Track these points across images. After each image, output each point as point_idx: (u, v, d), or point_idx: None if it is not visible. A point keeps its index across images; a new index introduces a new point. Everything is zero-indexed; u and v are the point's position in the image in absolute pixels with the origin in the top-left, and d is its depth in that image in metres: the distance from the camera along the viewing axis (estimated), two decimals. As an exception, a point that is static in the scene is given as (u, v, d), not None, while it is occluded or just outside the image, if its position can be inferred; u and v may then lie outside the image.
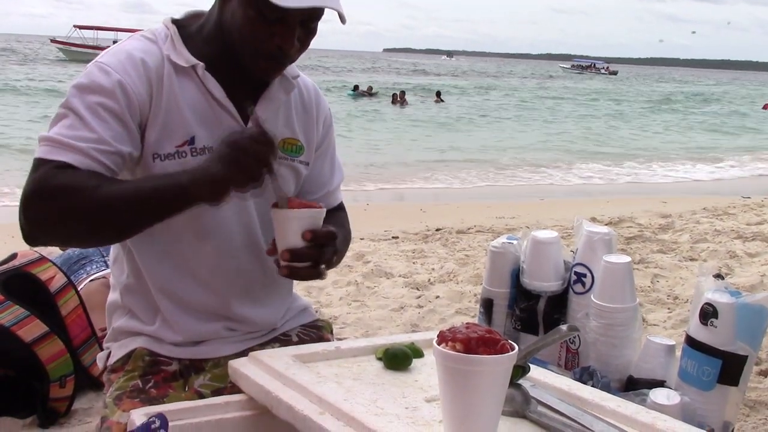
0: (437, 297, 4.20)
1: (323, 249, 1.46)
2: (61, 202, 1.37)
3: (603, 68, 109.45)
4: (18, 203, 1.40)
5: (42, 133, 1.44)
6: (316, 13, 1.50)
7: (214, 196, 1.40)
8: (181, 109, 1.52)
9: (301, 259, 1.44)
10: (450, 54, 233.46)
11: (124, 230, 1.47)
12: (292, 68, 1.65)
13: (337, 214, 1.80)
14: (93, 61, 1.52)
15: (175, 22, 1.60)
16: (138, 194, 1.41)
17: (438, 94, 29.69)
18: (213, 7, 1.58)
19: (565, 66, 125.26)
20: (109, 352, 1.69)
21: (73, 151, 1.40)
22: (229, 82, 1.56)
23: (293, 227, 1.43)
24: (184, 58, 1.54)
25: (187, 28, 1.60)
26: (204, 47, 1.56)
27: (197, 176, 1.38)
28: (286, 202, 1.45)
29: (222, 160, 1.37)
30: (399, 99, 26.34)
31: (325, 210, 1.49)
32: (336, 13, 1.49)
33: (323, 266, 1.48)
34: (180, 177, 1.40)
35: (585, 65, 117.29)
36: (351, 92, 28.93)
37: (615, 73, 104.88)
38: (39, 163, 1.41)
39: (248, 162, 1.37)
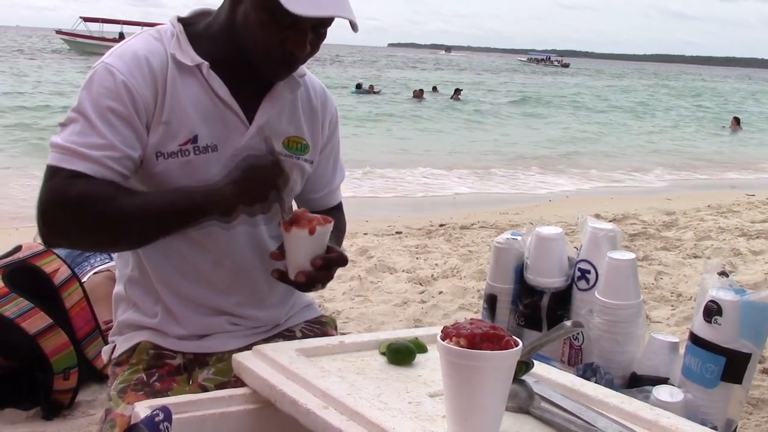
0: (440, 292, 4.19)
1: (330, 269, 1.54)
2: (78, 213, 1.42)
3: (556, 61, 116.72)
4: (23, 198, 1.42)
5: (53, 138, 1.46)
6: (328, 20, 1.51)
7: (224, 214, 1.50)
8: (184, 108, 1.53)
9: (311, 277, 1.50)
10: (448, 49, 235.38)
11: (139, 240, 1.54)
12: (299, 67, 1.65)
13: (336, 213, 1.82)
14: (100, 60, 1.52)
15: (181, 20, 1.60)
16: (152, 208, 1.47)
17: (457, 91, 29.47)
18: (222, 6, 1.58)
19: (522, 59, 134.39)
20: (114, 346, 1.69)
21: (85, 160, 1.43)
22: (235, 81, 1.56)
23: (303, 249, 1.49)
24: (189, 56, 1.54)
25: (193, 26, 1.60)
26: (210, 46, 1.56)
27: (210, 195, 1.46)
28: (293, 220, 1.49)
29: (234, 182, 1.46)
30: (417, 95, 26.44)
31: (333, 223, 1.53)
32: (347, 21, 1.50)
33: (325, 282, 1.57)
34: (194, 194, 1.47)
35: (540, 58, 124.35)
36: (354, 90, 28.84)
37: (567, 65, 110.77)
38: (53, 172, 1.44)
39: (257, 186, 1.46)
